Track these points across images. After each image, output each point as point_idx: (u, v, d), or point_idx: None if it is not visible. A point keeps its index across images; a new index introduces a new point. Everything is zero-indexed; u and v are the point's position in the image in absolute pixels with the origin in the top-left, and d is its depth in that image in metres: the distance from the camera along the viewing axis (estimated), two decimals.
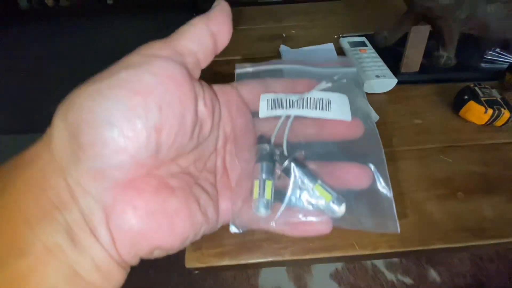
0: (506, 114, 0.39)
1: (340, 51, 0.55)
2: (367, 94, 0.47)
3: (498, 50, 0.51)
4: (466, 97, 0.42)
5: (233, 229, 0.17)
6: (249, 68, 0.21)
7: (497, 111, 0.39)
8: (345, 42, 0.55)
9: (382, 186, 0.17)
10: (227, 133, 0.19)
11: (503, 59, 0.51)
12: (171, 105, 0.13)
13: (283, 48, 0.55)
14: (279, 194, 0.17)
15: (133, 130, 0.12)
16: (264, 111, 0.19)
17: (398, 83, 0.47)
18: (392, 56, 0.50)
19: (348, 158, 0.18)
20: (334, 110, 0.18)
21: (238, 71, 0.21)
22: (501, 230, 0.31)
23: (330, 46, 0.55)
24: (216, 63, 0.58)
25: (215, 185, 0.18)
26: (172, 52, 0.15)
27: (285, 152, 0.18)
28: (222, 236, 0.31)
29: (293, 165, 0.17)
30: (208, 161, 0.18)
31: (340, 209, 0.16)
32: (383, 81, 0.46)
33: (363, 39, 0.55)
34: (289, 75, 0.21)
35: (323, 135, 0.19)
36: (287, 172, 0.17)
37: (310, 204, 0.16)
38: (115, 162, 0.12)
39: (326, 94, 0.19)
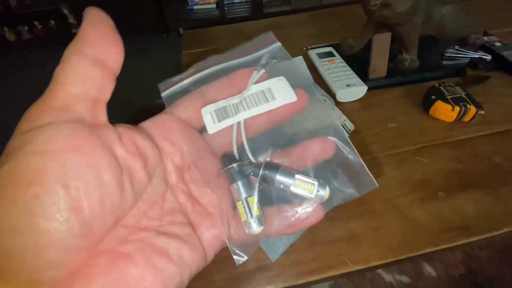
0: (472, 109, 0.41)
1: (310, 63, 0.56)
2: (340, 103, 0.48)
3: (456, 47, 0.54)
4: (433, 97, 0.43)
5: (238, 259, 0.16)
6: (176, 86, 0.19)
7: (463, 108, 0.41)
8: (313, 54, 0.56)
9: (348, 152, 0.17)
10: (179, 164, 0.17)
11: (462, 55, 0.54)
12: (78, 176, 0.11)
13: None
14: (264, 198, 0.17)
15: (43, 226, 0.10)
16: (211, 126, 0.18)
17: (368, 89, 0.48)
18: (359, 63, 0.52)
19: (309, 136, 0.18)
20: (278, 96, 0.18)
21: (164, 94, 0.19)
22: (484, 225, 0.32)
23: (300, 59, 0.56)
24: None
25: (188, 222, 0.16)
26: (54, 112, 0.12)
27: (252, 159, 0.18)
28: (210, 271, 0.30)
29: (267, 172, 0.17)
30: (165, 203, 0.16)
31: (326, 192, 0.16)
32: (354, 90, 0.47)
33: (331, 49, 0.57)
34: (220, 75, 0.19)
35: (274, 119, 0.19)
36: (264, 180, 0.17)
37: (297, 198, 0.17)
38: (43, 265, 0.11)
39: (264, 84, 0.18)
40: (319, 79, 0.52)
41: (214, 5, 1.87)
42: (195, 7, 1.87)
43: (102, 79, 0.13)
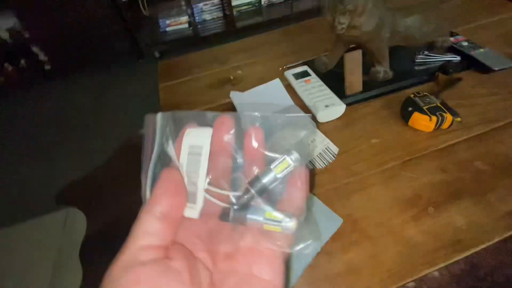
0: (448, 117, 0.42)
1: (288, 84, 0.56)
2: (321, 123, 0.48)
3: (426, 52, 0.56)
4: (410, 109, 0.44)
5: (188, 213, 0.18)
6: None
7: (440, 117, 0.42)
8: (290, 75, 0.57)
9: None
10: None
11: (431, 60, 0.56)
12: None
13: (233, 94, 0.55)
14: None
15: None
16: (192, 211, 0.18)
17: (347, 105, 0.49)
18: (335, 79, 0.53)
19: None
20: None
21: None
22: (475, 238, 0.33)
23: (277, 82, 0.56)
24: None
25: None
26: (126, 264, 0.15)
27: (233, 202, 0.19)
28: None
29: (239, 214, 0.18)
30: None
31: (293, 224, 0.17)
32: (333, 109, 0.48)
33: (306, 68, 0.57)
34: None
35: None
36: (241, 221, 0.18)
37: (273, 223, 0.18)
38: None
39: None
40: (298, 101, 0.52)
41: (186, 25, 1.87)
42: (167, 29, 1.87)
43: (165, 229, 0.16)
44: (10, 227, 1.16)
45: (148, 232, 0.16)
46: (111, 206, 1.14)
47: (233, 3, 1.82)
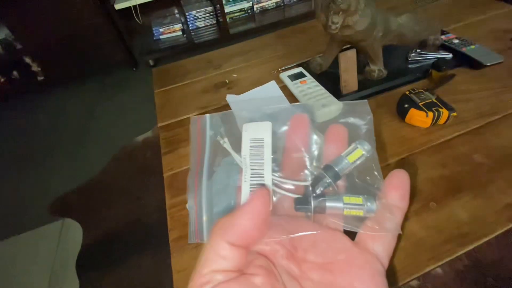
0: (444, 112, 0.42)
1: (283, 86, 0.57)
2: (318, 124, 0.48)
3: (418, 50, 0.57)
4: (406, 105, 0.44)
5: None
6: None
7: (436, 113, 0.42)
8: (285, 77, 0.57)
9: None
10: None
11: (424, 57, 0.56)
12: None
13: (229, 98, 0.55)
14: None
15: None
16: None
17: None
18: (331, 79, 0.53)
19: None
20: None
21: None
22: (479, 231, 0.32)
23: (273, 84, 0.57)
24: (169, 126, 0.56)
25: None
26: (204, 282, 0.14)
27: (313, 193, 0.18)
28: None
29: (318, 202, 0.17)
30: None
31: (376, 205, 0.16)
32: (330, 109, 0.47)
33: (301, 69, 0.58)
34: None
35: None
36: (320, 209, 0.17)
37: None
38: None
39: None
40: (294, 102, 0.52)
41: (180, 32, 1.88)
42: (161, 37, 1.87)
43: (235, 257, 0.15)
44: (5, 239, 1.13)
45: (219, 256, 0.15)
46: (106, 216, 1.12)
47: (226, 10, 1.84)
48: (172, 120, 0.58)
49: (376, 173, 0.18)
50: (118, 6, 1.61)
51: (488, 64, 0.52)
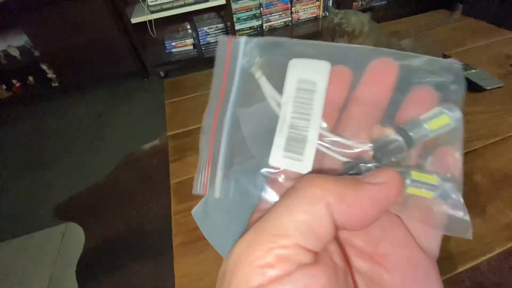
0: None
1: None
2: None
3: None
4: None
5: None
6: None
7: None
8: None
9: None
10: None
11: (425, 80, 0.58)
12: None
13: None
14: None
15: None
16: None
17: None
18: None
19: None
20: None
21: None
22: (478, 249, 0.33)
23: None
24: (177, 135, 0.58)
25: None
26: (281, 262, 0.10)
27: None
28: None
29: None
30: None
31: (454, 189, 0.13)
32: None
33: None
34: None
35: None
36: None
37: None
38: None
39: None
40: None
41: (191, 47, 1.95)
42: (173, 50, 1.94)
43: (329, 237, 0.11)
44: (8, 240, 1.14)
45: (318, 227, 0.11)
46: (109, 221, 1.13)
47: (236, 27, 1.91)
48: (181, 129, 0.60)
49: (456, 155, 0.13)
50: (134, 20, 1.69)
51: (488, 88, 0.53)
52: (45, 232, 1.14)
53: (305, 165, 0.13)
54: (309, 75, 0.14)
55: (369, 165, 0.13)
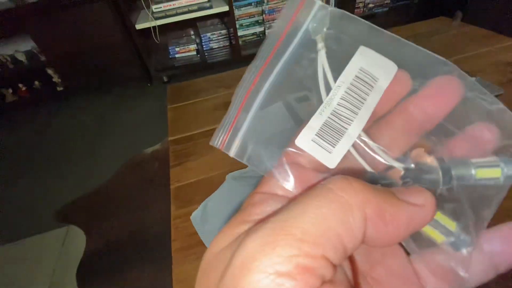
0: None
1: None
2: None
3: (420, 80, 0.59)
4: None
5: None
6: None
7: None
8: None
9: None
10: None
11: None
12: None
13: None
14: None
15: None
16: (328, 158, 0.12)
17: None
18: None
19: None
20: (379, 75, 0.13)
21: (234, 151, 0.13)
22: None
23: (280, 104, 0.59)
24: (179, 140, 0.59)
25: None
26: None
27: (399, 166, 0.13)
28: None
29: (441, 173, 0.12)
30: None
31: (470, 242, 0.11)
32: None
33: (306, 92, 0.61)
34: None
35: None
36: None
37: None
38: None
39: (352, 68, 0.12)
40: None
41: (194, 52, 1.97)
42: (176, 55, 1.97)
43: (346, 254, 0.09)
44: (9, 244, 1.15)
45: (353, 239, 0.09)
46: (110, 225, 1.13)
47: (239, 33, 1.94)
48: (182, 134, 0.60)
49: (486, 213, 0.12)
50: (139, 26, 1.71)
51: None
52: (46, 236, 1.15)
53: (332, 159, 0.12)
54: (374, 69, 0.12)
55: (391, 182, 0.12)
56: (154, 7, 1.67)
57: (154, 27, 1.73)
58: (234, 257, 0.09)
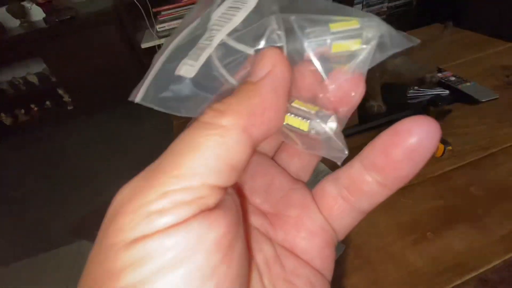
0: (440, 146, 0.45)
1: None
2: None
3: (416, 88, 0.61)
4: None
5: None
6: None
7: None
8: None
9: None
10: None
11: (422, 94, 0.60)
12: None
13: None
14: None
15: None
16: (190, 70, 0.13)
17: (345, 137, 0.52)
18: None
19: None
20: None
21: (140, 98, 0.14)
22: (475, 261, 0.34)
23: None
24: None
25: None
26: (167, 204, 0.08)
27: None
28: None
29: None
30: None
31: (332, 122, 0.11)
32: None
33: None
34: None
35: None
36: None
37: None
38: None
39: None
40: None
41: None
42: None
43: (242, 168, 0.10)
44: (24, 260, 1.17)
45: (235, 160, 0.09)
46: None
47: None
48: None
49: (355, 78, 0.12)
50: (144, 45, 1.78)
51: (483, 100, 0.55)
52: (60, 250, 1.18)
53: (194, 70, 0.12)
54: None
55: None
56: (158, 27, 1.74)
57: (158, 45, 1.80)
58: (107, 211, 0.09)
